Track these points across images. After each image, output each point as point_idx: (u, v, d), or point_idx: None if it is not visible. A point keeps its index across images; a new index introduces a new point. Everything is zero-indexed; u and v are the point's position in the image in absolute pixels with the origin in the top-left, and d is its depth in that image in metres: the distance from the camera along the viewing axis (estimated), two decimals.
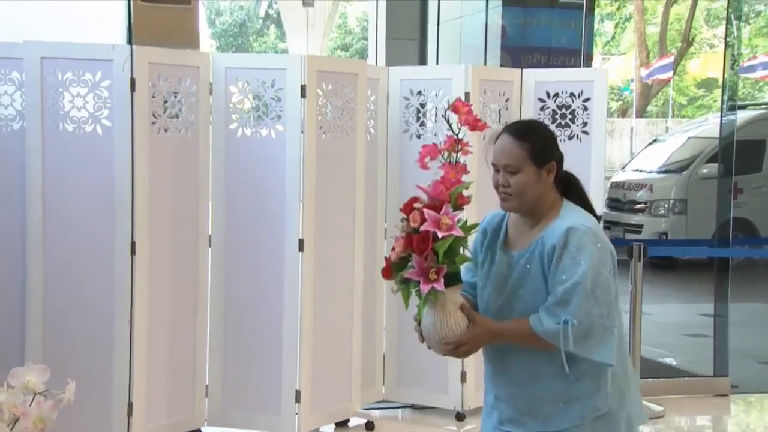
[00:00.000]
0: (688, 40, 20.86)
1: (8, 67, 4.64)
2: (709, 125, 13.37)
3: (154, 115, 4.71)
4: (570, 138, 5.37)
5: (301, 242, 4.88)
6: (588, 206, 2.65)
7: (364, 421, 5.25)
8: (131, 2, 5.48)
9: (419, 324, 2.56)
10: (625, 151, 16.32)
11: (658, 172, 12.06)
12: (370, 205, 5.30)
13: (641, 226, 11.25)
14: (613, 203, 11.68)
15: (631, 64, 21.25)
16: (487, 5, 8.03)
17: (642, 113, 21.02)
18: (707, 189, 10.01)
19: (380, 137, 5.49)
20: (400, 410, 5.56)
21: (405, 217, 2.49)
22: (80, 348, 4.62)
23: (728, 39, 7.73)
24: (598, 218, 2.69)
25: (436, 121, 5.38)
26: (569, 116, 5.37)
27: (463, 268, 2.67)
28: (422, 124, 5.40)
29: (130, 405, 4.60)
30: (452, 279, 2.46)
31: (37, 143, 4.59)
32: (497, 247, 2.66)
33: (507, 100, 5.42)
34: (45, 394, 1.48)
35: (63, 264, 4.66)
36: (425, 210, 2.42)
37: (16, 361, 3.85)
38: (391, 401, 5.58)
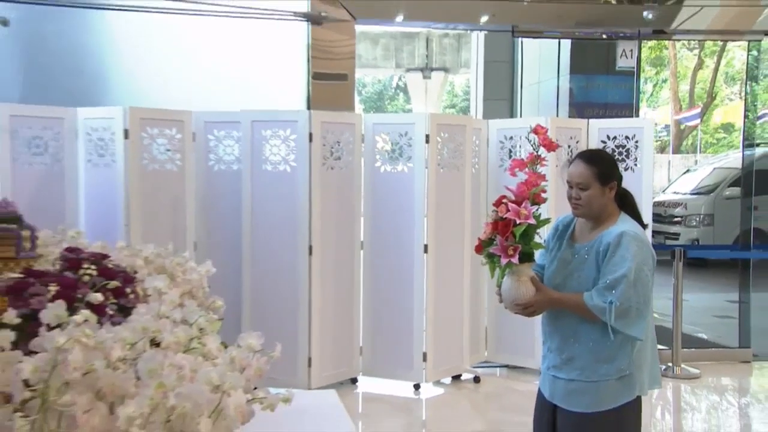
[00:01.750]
0: (711, 96, 20.98)
1: (230, 128, 4.97)
2: (729, 159, 13.42)
3: (324, 158, 4.94)
4: (625, 169, 5.35)
5: (425, 246, 5.00)
6: (638, 217, 2.64)
7: (472, 376, 5.38)
8: (309, 81, 5.96)
9: (500, 288, 2.59)
10: (665, 179, 16.11)
11: (691, 194, 12.12)
12: (474, 219, 5.28)
13: (678, 234, 11.40)
14: (656, 217, 11.65)
15: (668, 113, 21.35)
16: (558, 73, 8.04)
17: (677, 150, 20.94)
18: (729, 207, 10.65)
19: (482, 171, 5.54)
20: (498, 368, 5.61)
21: (495, 209, 2.52)
22: (276, 319, 4.86)
23: (746, 95, 7.86)
24: (645, 226, 2.67)
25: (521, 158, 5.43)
26: (624, 153, 5.41)
27: (540, 255, 2.71)
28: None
29: (309, 359, 4.87)
30: (525, 257, 2.49)
31: (248, 178, 4.91)
32: (565, 239, 2.67)
33: (577, 142, 5.43)
34: (260, 352, 1.51)
35: (264, 260, 4.92)
36: (509, 203, 2.48)
37: (236, 330, 4.42)
38: (491, 362, 5.65)
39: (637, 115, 8.07)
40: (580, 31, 7.20)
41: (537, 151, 2.63)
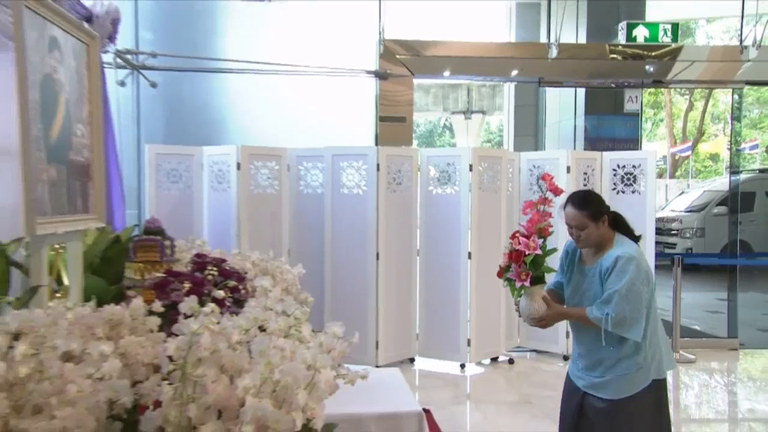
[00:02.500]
0: (700, 132, 20.83)
1: (316, 161, 5.03)
2: (716, 183, 13.09)
3: (388, 183, 4.98)
4: (633, 192, 5.30)
5: (469, 253, 4.99)
6: (631, 233, 2.54)
7: (507, 358, 5.32)
8: (377, 123, 6.01)
9: (517, 305, 2.56)
10: (663, 199, 15.72)
11: (685, 212, 11.82)
12: (509, 232, 5.00)
13: (675, 244, 11.13)
14: (657, 230, 11.67)
15: (665, 146, 21.19)
16: (575, 114, 7.91)
17: (673, 176, 20.64)
18: (717, 222, 10.64)
19: (515, 193, 5.49)
20: (528, 352, 5.56)
21: (510, 241, 2.52)
22: (351, 310, 4.87)
23: (732, 131, 7.70)
24: (638, 239, 2.55)
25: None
26: (632, 179, 5.32)
27: (556, 274, 2.68)
28: (540, 186, 5.41)
29: (377, 342, 4.91)
30: (536, 280, 2.46)
31: (329, 199, 4.97)
32: (575, 262, 2.60)
33: (593, 170, 5.36)
34: (342, 337, 1.47)
35: (341, 264, 4.96)
36: (520, 237, 2.48)
37: (319, 318, 4.63)
38: (522, 347, 5.60)
39: (641, 148, 7.92)
40: (593, 81, 7.11)
41: (545, 195, 2.57)
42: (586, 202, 2.48)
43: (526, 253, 2.44)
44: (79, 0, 3.58)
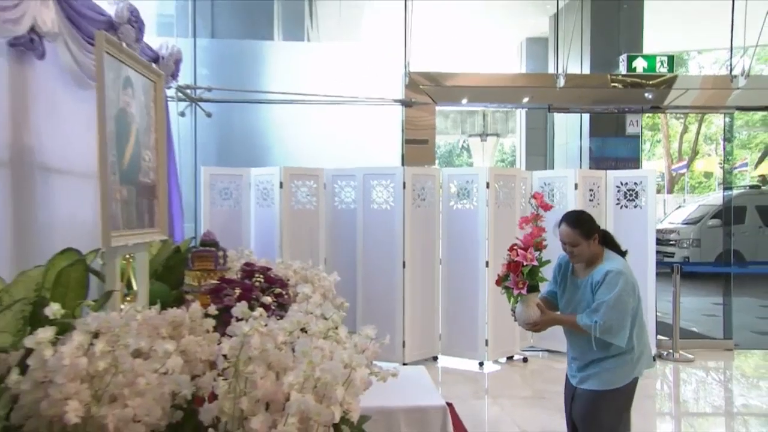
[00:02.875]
0: (694, 151, 20.61)
1: (349, 179, 5.03)
2: (710, 198, 12.85)
3: (413, 199, 4.95)
4: (635, 207, 5.20)
5: (486, 262, 4.92)
6: (618, 248, 2.52)
7: (522, 357, 5.23)
8: (403, 145, 6.02)
9: (513, 312, 2.54)
10: (661, 212, 15.42)
11: (682, 224, 11.57)
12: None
13: (673, 253, 10.87)
14: (656, 241, 11.59)
15: (662, 164, 20.99)
16: (581, 136, 7.86)
17: (670, 191, 20.37)
18: (711, 233, 10.46)
19: (527, 208, 5.25)
20: (540, 352, 5.44)
21: (509, 253, 2.52)
22: (380, 313, 4.85)
23: (724, 152, 7.54)
24: (624, 254, 2.53)
25: (556, 200, 5.25)
26: (634, 195, 5.22)
27: (549, 284, 2.64)
28: (551, 200, 5.23)
29: (403, 342, 4.87)
30: (532, 288, 2.45)
31: (360, 214, 4.97)
32: (568, 274, 2.57)
33: (598, 187, 5.27)
34: (373, 338, 1.46)
35: (372, 271, 4.94)
36: (519, 249, 2.48)
37: (352, 321, 4.60)
38: (536, 347, 5.49)
39: (641, 167, 7.79)
40: (597, 107, 7.04)
41: (537, 211, 2.56)
42: (579, 222, 2.47)
43: (524, 264, 2.43)
44: (148, 44, 3.70)
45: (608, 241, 2.53)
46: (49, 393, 1.13)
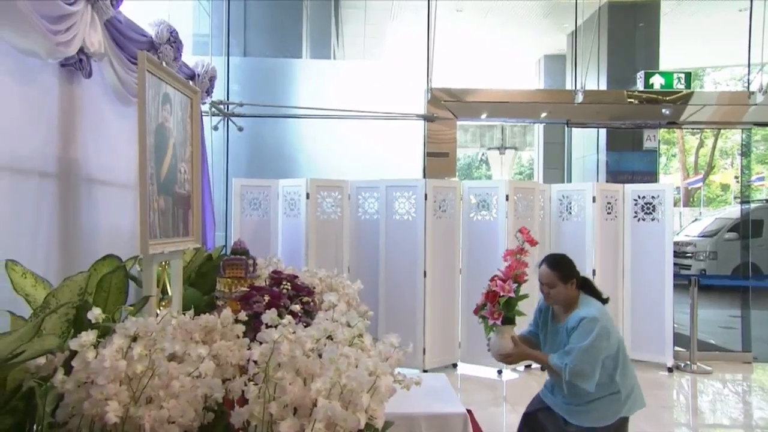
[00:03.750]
0: (710, 166, 20.18)
1: (372, 191, 5.02)
2: (726, 211, 12.47)
3: (434, 210, 4.91)
4: (652, 220, 5.10)
5: None
6: (597, 295, 2.45)
7: (540, 366, 5.06)
8: (425, 158, 6.02)
9: (489, 341, 2.50)
10: (677, 225, 15.07)
11: (698, 237, 11.27)
12: (540, 255, 4.83)
13: (690, 266, 10.64)
14: (673, 253, 11.41)
15: (678, 178, 20.64)
16: (597, 150, 7.76)
17: (686, 205, 19.95)
18: (728, 246, 10.21)
19: (546, 219, 5.31)
20: None
21: (489, 283, 2.49)
22: (401, 320, 4.81)
23: (741, 166, 7.35)
24: (605, 301, 2.44)
25: (574, 212, 5.17)
26: (651, 208, 5.13)
27: (530, 325, 2.61)
28: (569, 213, 5.22)
29: (424, 349, 4.81)
30: (507, 320, 2.43)
31: (383, 224, 4.95)
32: (549, 318, 2.52)
33: (616, 200, 5.19)
34: (397, 347, 1.46)
35: (394, 280, 4.91)
36: (498, 280, 2.48)
37: (374, 328, 4.56)
38: None
39: (658, 181, 7.66)
40: (615, 122, 6.95)
41: (522, 245, 2.52)
42: (558, 264, 2.43)
43: (501, 294, 2.40)
44: (185, 63, 3.77)
45: (588, 288, 2.47)
46: (91, 393, 1.15)
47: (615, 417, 2.34)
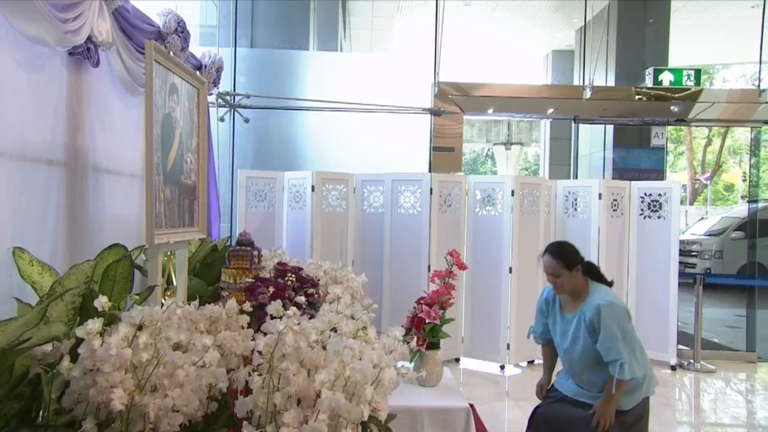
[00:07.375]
0: (718, 164, 20.04)
1: (378, 185, 5.02)
2: (733, 211, 12.33)
3: (440, 205, 4.89)
4: (659, 218, 5.07)
5: (510, 268, 4.85)
6: (603, 279, 2.41)
7: (542, 361, 5.20)
8: (431, 152, 5.99)
9: (412, 366, 2.48)
10: (684, 224, 15.02)
11: (704, 235, 11.19)
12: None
13: (695, 264, 10.55)
14: (679, 251, 11.31)
15: (685, 176, 20.50)
16: (604, 147, 7.70)
17: (693, 203, 19.83)
18: (734, 245, 10.08)
19: (551, 216, 5.26)
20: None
21: (416, 305, 2.48)
22: (406, 313, 4.84)
23: (750, 165, 7.29)
24: (610, 284, 2.41)
25: (579, 209, 5.13)
26: (658, 206, 5.09)
27: (538, 320, 2.58)
28: (575, 209, 5.18)
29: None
30: (432, 346, 2.42)
31: (388, 218, 4.95)
32: (556, 309, 2.46)
33: (622, 198, 5.16)
34: (401, 340, 1.43)
35: (398, 273, 4.85)
36: (423, 306, 2.47)
37: (377, 319, 4.51)
38: None
39: (665, 178, 7.61)
40: (623, 119, 6.89)
41: (451, 269, 2.49)
42: (561, 253, 2.38)
43: (426, 321, 2.38)
44: (192, 53, 3.77)
45: (593, 273, 2.42)
46: (96, 381, 1.16)
47: (640, 398, 2.34)
